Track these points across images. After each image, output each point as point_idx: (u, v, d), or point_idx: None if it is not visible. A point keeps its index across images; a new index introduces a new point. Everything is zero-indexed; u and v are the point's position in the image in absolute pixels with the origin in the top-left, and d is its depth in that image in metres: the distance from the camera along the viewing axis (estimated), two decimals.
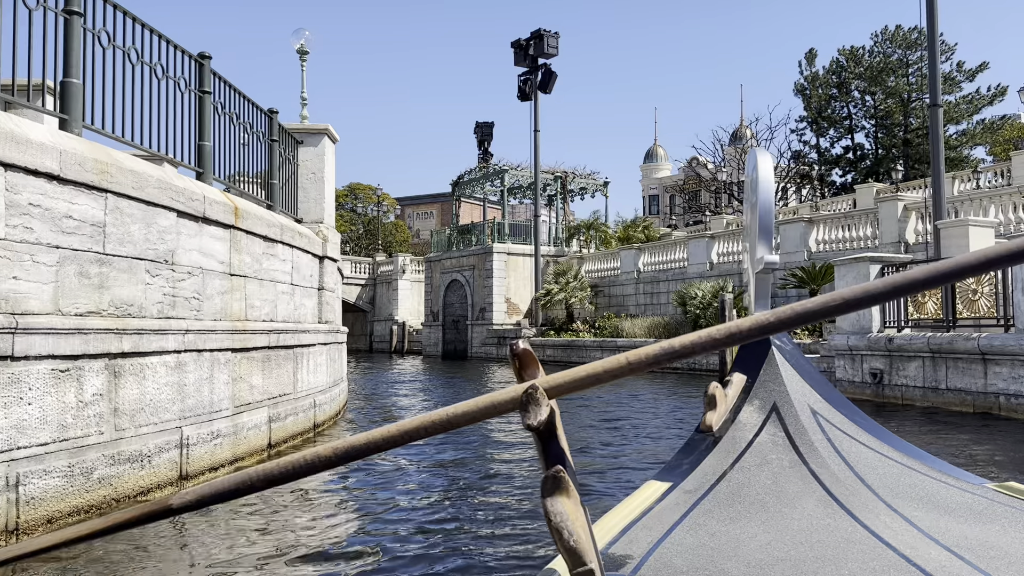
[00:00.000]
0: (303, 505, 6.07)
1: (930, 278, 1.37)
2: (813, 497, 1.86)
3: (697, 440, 2.23)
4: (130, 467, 5.62)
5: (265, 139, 9.17)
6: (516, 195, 42.72)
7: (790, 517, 1.79)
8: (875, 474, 1.97)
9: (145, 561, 4.52)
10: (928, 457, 2.22)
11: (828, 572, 1.54)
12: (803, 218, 23.57)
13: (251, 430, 7.53)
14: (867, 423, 2.25)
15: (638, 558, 1.63)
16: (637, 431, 10.21)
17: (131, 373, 5.69)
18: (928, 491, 1.93)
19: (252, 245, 7.84)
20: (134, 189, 5.83)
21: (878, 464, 2.03)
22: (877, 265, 14.15)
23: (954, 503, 1.88)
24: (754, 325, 1.43)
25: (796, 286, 21.04)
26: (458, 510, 5.89)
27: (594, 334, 28.24)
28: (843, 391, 14.47)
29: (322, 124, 10.54)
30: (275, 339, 8.18)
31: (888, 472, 2.00)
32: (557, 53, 32.81)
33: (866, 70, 53.53)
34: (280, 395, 8.35)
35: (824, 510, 1.80)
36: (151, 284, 6.06)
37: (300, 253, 9.37)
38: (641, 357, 1.43)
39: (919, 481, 1.98)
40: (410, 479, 7.08)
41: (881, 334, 13.81)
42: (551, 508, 1.24)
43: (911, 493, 1.91)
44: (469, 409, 1.45)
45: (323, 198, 10.58)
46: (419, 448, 8.18)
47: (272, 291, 8.37)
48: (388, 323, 47.31)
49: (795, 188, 55.84)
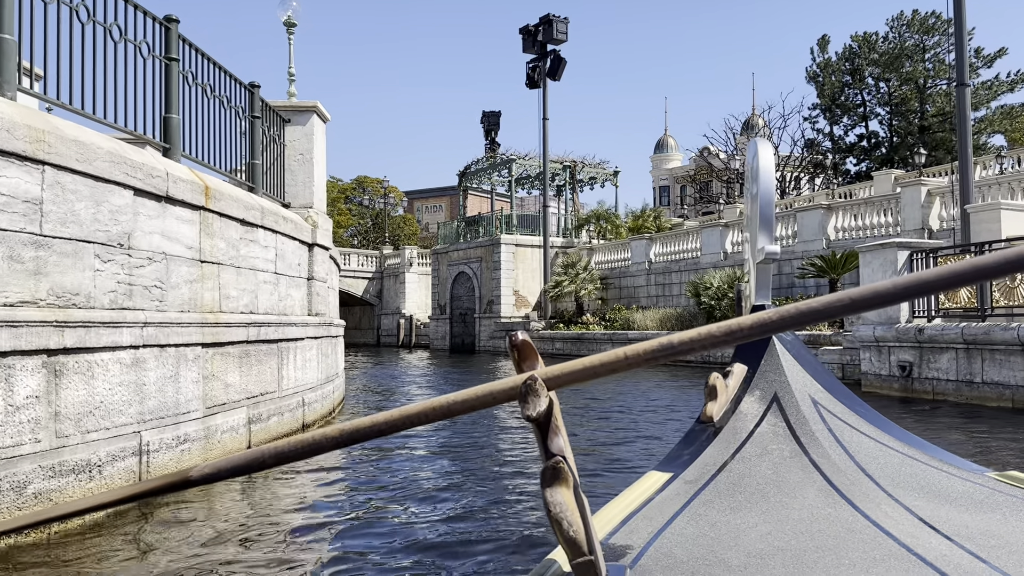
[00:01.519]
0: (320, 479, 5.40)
1: (943, 280, 1.30)
2: (814, 487, 1.84)
3: (698, 431, 2.21)
4: (75, 479, 4.92)
5: (246, 115, 8.42)
6: (524, 185, 41.88)
7: (790, 507, 1.77)
8: (876, 464, 1.96)
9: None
10: (929, 446, 2.18)
11: (828, 562, 1.52)
12: (821, 205, 22.67)
13: (226, 433, 6.82)
14: (868, 413, 2.23)
15: (638, 548, 1.62)
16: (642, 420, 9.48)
17: (76, 372, 4.98)
18: (929, 480, 1.92)
19: (227, 229, 7.12)
20: (79, 162, 5.11)
21: (879, 454, 2.01)
22: (905, 251, 13.32)
23: (955, 492, 1.86)
24: (755, 323, 1.41)
25: (815, 275, 20.18)
26: (461, 495, 5.99)
27: (604, 327, 27.43)
28: (869, 385, 13.68)
29: (310, 101, 9.75)
30: (255, 332, 7.46)
31: (889, 461, 1.98)
32: (566, 39, 31.97)
33: (881, 56, 52.61)
34: (261, 394, 7.64)
35: (825, 500, 1.79)
36: (102, 271, 5.34)
37: (285, 239, 8.65)
38: (639, 352, 1.44)
39: (920, 470, 1.96)
40: (416, 463, 7.42)
41: (910, 324, 12.99)
42: (551, 499, 1.25)
43: (912, 482, 1.90)
44: (468, 398, 1.47)
45: (312, 181, 9.81)
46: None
47: (252, 280, 7.65)
48: (395, 316, 46.65)
49: (808, 177, 54.94)
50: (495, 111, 40.87)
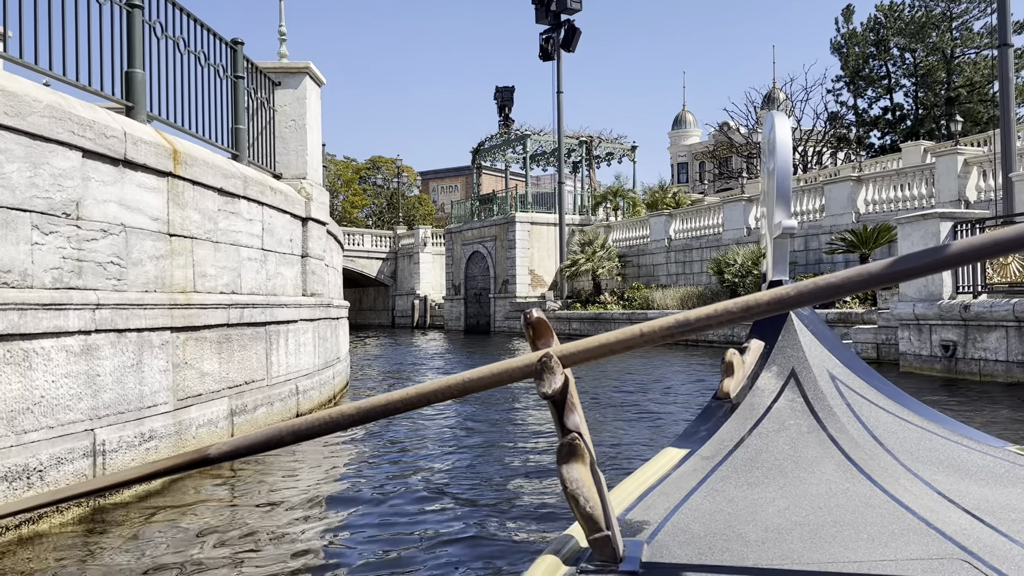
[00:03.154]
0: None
1: (974, 250, 1.25)
2: (832, 461, 1.81)
3: (714, 407, 2.18)
4: (8, 487, 4.19)
5: (227, 75, 7.62)
6: (539, 162, 40.87)
7: (808, 482, 1.74)
8: (895, 438, 1.92)
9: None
10: (948, 421, 2.14)
11: (847, 536, 1.48)
12: (850, 177, 21.61)
13: (203, 427, 6.09)
14: (887, 387, 2.18)
15: (655, 524, 1.59)
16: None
17: (8, 362, 4.24)
18: (948, 454, 1.88)
19: (203, 200, 6.35)
20: (8, 115, 4.34)
21: (898, 428, 1.98)
22: (948, 222, 12.36)
23: (975, 466, 1.82)
24: (772, 299, 1.39)
25: (845, 251, 19.19)
26: (479, 469, 6.06)
27: (623, 306, 26.54)
28: (908, 366, 12.79)
29: (302, 62, 8.91)
30: (238, 315, 6.71)
31: (908, 436, 1.95)
32: (581, 8, 30.81)
33: (907, 25, 51.07)
34: (246, 382, 6.90)
35: (843, 474, 1.75)
36: (42, 244, 4.58)
37: (275, 213, 7.87)
38: (655, 329, 1.41)
39: (939, 445, 1.93)
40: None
41: (954, 301, 12.06)
42: (567, 475, 1.25)
43: (931, 457, 1.86)
44: (484, 375, 1.47)
45: (306, 150, 8.99)
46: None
47: (234, 257, 6.89)
48: (410, 297, 46.00)
49: (831, 152, 53.63)
50: (508, 86, 39.75)
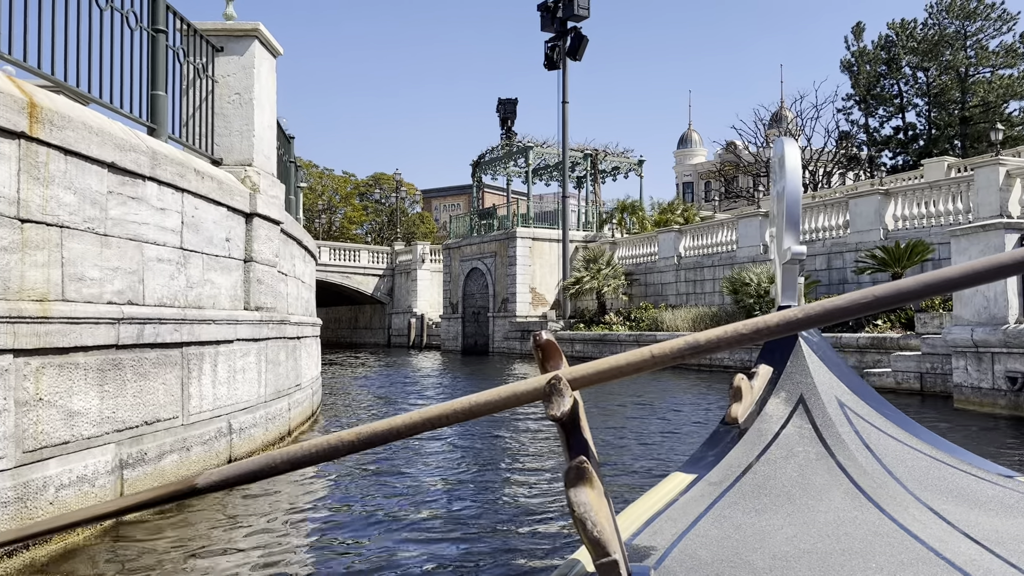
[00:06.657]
0: None
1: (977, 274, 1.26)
2: (840, 489, 1.79)
3: (722, 432, 2.15)
4: None
5: (142, 26, 5.98)
6: (542, 177, 39.25)
7: (816, 510, 1.72)
8: (904, 467, 1.90)
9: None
10: (958, 450, 2.10)
11: (855, 565, 1.46)
12: (878, 191, 19.94)
13: (69, 488, 4.38)
14: (896, 415, 2.16)
15: (662, 549, 1.58)
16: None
17: None
18: (958, 484, 1.85)
19: (82, 176, 4.68)
20: None
21: (907, 457, 1.95)
22: (1015, 234, 10.66)
23: (985, 496, 1.81)
24: (781, 321, 1.40)
25: (876, 270, 17.48)
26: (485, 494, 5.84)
27: (630, 327, 24.78)
28: (965, 401, 11.04)
29: (250, 23, 7.23)
30: (135, 333, 5.02)
31: (917, 465, 1.92)
32: (588, 15, 29.35)
33: (919, 44, 49.84)
34: (147, 423, 5.20)
35: (851, 503, 1.73)
36: None
37: (202, 203, 6.19)
38: (665, 351, 1.42)
39: (949, 474, 1.90)
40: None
41: (1022, 326, 10.36)
42: (575, 499, 1.24)
43: (940, 486, 1.84)
44: (492, 399, 1.45)
45: (252, 131, 7.29)
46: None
47: (134, 256, 5.21)
48: (406, 315, 44.29)
49: (840, 172, 52.16)
50: (511, 98, 38.16)
